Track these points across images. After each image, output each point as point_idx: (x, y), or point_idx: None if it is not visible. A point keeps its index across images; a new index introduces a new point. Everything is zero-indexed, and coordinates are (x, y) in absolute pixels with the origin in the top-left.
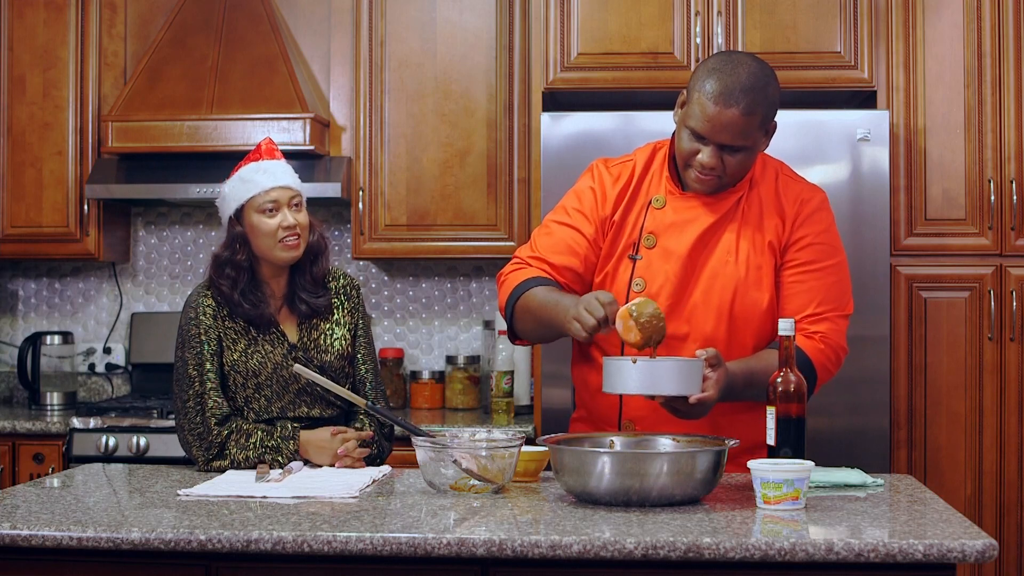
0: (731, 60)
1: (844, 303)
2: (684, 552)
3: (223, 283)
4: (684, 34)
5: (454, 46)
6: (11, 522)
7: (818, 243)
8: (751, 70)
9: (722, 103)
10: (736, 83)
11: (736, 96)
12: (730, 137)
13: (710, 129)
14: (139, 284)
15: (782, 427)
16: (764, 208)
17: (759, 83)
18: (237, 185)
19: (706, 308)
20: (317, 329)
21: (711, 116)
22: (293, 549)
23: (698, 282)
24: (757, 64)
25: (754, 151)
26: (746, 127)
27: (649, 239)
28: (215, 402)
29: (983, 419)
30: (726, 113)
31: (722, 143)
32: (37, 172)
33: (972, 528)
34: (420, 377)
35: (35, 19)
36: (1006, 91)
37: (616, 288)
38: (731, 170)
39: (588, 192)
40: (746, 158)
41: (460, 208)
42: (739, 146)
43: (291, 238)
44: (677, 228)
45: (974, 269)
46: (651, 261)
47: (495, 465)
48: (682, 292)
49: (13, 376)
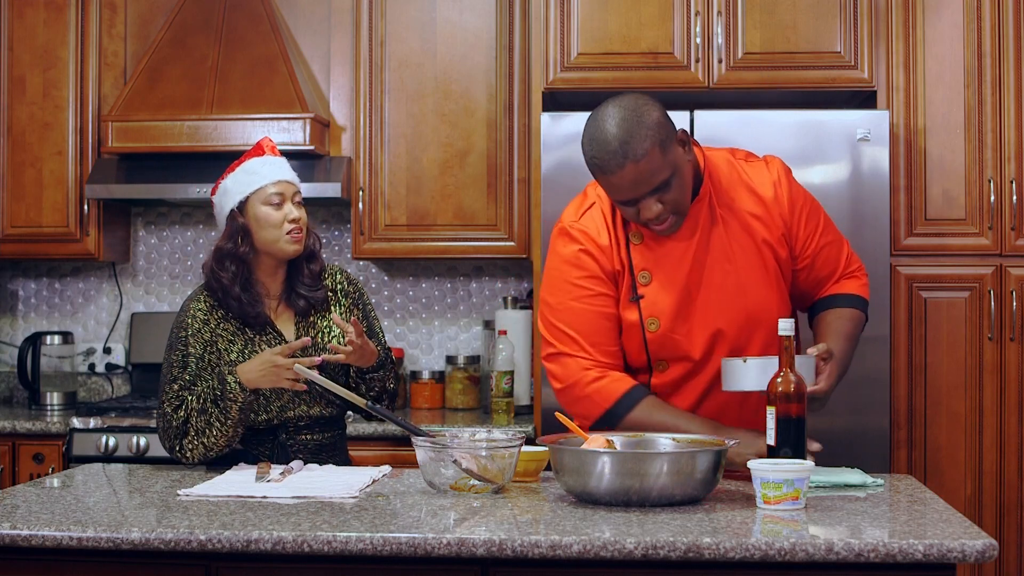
0: (597, 121)
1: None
2: (684, 552)
3: (223, 275)
4: (684, 34)
5: (454, 46)
6: (11, 522)
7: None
8: (618, 117)
9: (617, 166)
10: (613, 139)
11: (621, 152)
12: (647, 186)
13: (627, 193)
14: (139, 284)
15: (782, 427)
16: (739, 202)
17: (631, 124)
18: (241, 178)
19: (723, 324)
20: (315, 328)
21: (617, 184)
22: (293, 549)
23: (707, 302)
24: (619, 107)
25: (681, 172)
26: (651, 167)
27: (644, 276)
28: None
29: (983, 419)
30: (626, 173)
31: (645, 193)
32: (37, 172)
33: (972, 528)
34: (420, 377)
35: (35, 19)
36: (1006, 91)
37: (631, 330)
38: (673, 203)
39: (583, 256)
40: (680, 183)
41: (460, 208)
42: (663, 181)
43: (296, 231)
44: (666, 257)
45: (974, 269)
46: (654, 298)
47: (495, 465)
48: (696, 316)
49: (13, 376)
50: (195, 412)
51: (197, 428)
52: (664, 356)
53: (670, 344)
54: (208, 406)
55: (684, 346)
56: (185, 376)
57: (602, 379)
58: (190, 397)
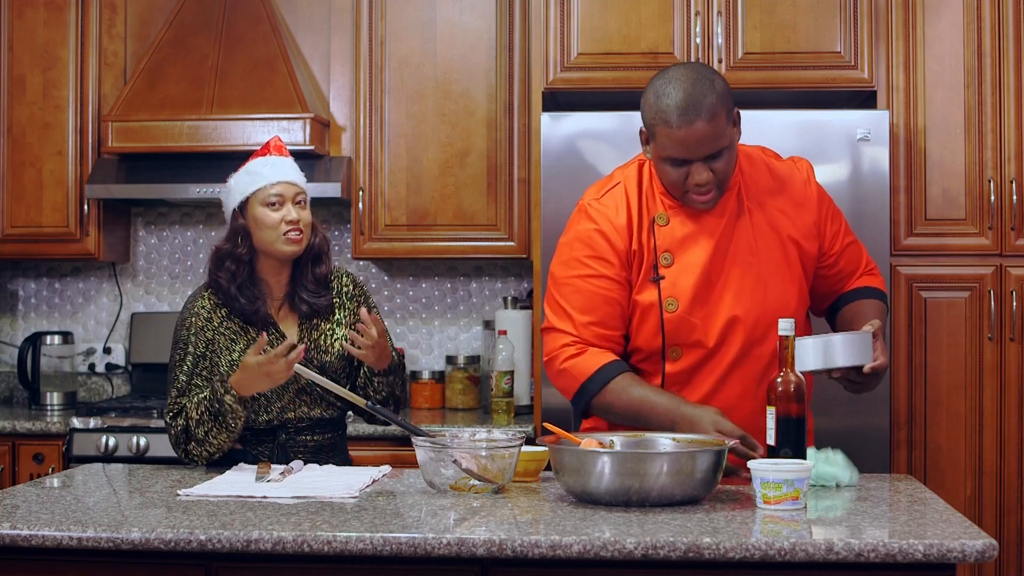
0: (669, 78)
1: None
2: (684, 552)
3: (221, 276)
4: (684, 34)
5: (454, 46)
6: (11, 522)
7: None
8: (692, 77)
9: (686, 122)
10: (687, 96)
11: (694, 108)
12: (708, 147)
13: (687, 150)
14: (139, 284)
15: (782, 427)
16: (768, 196)
17: (705, 85)
18: (243, 178)
19: (741, 313)
20: (318, 329)
21: (681, 138)
22: (293, 549)
23: (727, 289)
24: (692, 68)
25: (733, 146)
26: (716, 131)
27: (666, 257)
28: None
29: (983, 419)
30: (694, 129)
31: (703, 156)
32: (37, 172)
33: (972, 528)
34: (420, 377)
35: (35, 19)
36: (1006, 91)
37: (649, 311)
38: (722, 174)
39: (598, 237)
40: (731, 156)
41: (460, 208)
42: (719, 150)
43: (294, 232)
44: (691, 240)
45: (974, 269)
46: (675, 279)
47: (495, 465)
48: (715, 303)
49: (13, 376)
50: (194, 422)
51: (197, 438)
52: (679, 341)
53: (686, 328)
54: (205, 418)
55: (699, 331)
56: (183, 378)
57: (580, 355)
58: (188, 405)
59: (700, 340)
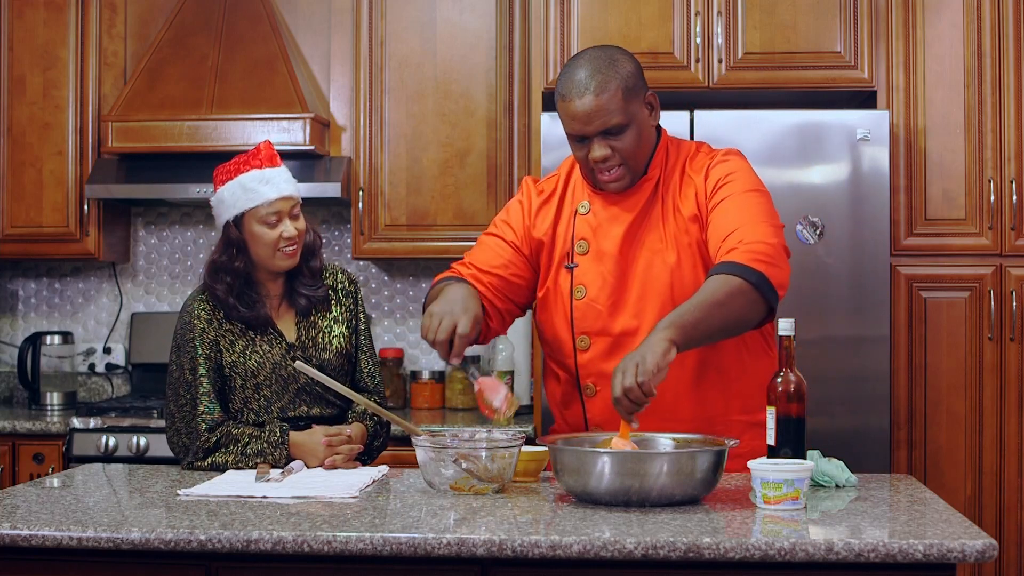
0: (575, 58)
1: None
2: (684, 552)
3: (218, 288)
4: (684, 34)
5: (454, 46)
6: (11, 522)
7: (726, 182)
8: (591, 56)
9: (575, 96)
10: (577, 74)
11: (582, 83)
12: (601, 121)
13: (580, 125)
14: (139, 284)
15: (782, 427)
16: (681, 186)
17: (602, 63)
18: (238, 192)
19: (647, 300)
20: (315, 327)
21: (573, 113)
22: (293, 549)
23: (634, 276)
24: (598, 49)
25: (638, 126)
26: (610, 105)
27: (581, 245)
28: (206, 407)
29: (983, 419)
30: (583, 103)
31: (599, 131)
32: (37, 172)
33: (972, 528)
34: (420, 377)
35: (35, 19)
36: (1006, 91)
37: (559, 299)
38: (627, 152)
39: (516, 205)
40: (634, 136)
41: (460, 208)
42: (616, 125)
43: (289, 247)
44: (604, 229)
45: (974, 269)
46: (587, 266)
47: (495, 465)
48: (621, 289)
49: (13, 376)
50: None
51: (221, 463)
52: (585, 329)
53: (592, 314)
54: (251, 457)
55: (604, 318)
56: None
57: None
58: (236, 433)
59: (605, 327)
